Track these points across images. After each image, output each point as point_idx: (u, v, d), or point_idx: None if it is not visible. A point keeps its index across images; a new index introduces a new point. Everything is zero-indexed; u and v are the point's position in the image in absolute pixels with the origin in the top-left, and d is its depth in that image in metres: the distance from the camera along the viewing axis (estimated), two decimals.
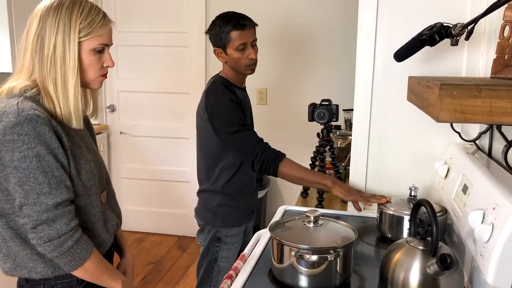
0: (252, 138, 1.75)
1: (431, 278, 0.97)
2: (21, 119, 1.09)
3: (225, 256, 1.94)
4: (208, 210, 1.95)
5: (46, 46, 1.16)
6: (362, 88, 1.62)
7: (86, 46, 1.20)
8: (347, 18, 3.11)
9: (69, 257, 1.16)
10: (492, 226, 0.90)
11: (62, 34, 1.16)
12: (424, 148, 1.59)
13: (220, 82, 1.88)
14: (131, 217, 3.81)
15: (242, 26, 1.81)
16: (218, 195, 1.92)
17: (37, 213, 1.11)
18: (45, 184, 1.11)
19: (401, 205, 1.41)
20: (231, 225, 1.93)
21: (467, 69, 1.51)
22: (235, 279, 1.20)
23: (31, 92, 1.17)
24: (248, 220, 2.01)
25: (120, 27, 3.64)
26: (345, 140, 2.45)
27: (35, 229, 1.12)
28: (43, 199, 1.11)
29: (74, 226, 1.16)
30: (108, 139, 3.82)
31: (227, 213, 1.93)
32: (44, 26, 1.16)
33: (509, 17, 1.10)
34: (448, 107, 0.83)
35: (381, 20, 1.57)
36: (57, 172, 1.13)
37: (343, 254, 1.11)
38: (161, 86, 3.65)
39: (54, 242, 1.13)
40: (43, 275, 1.21)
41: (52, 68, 1.17)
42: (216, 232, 1.92)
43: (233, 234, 1.94)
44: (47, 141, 1.11)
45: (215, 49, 1.88)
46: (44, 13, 1.17)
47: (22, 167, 1.10)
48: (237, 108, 1.79)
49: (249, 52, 1.84)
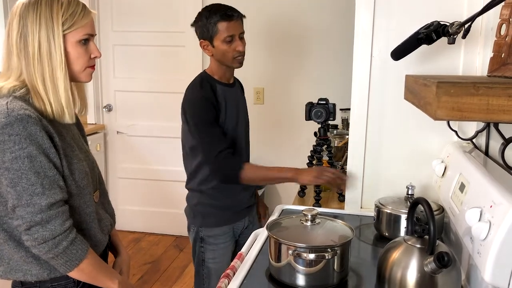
0: (211, 148, 1.72)
1: (429, 276, 0.97)
2: (12, 119, 1.07)
3: (211, 257, 1.88)
4: (190, 208, 1.93)
5: (30, 43, 1.14)
6: (359, 87, 1.62)
7: (71, 38, 1.18)
8: (343, 17, 3.11)
9: (65, 258, 1.14)
10: (490, 224, 0.90)
11: (46, 29, 1.14)
12: (421, 146, 1.59)
13: (200, 77, 1.84)
14: (128, 217, 3.81)
15: (229, 17, 1.76)
16: (196, 193, 1.90)
17: (31, 214, 1.09)
18: (38, 184, 1.09)
19: (398, 203, 1.41)
20: (211, 224, 1.88)
21: (464, 67, 1.51)
22: (232, 278, 1.20)
23: (20, 92, 1.15)
24: (234, 221, 1.91)
25: (116, 27, 3.63)
26: (342, 139, 2.45)
27: (29, 230, 1.10)
28: (36, 200, 1.09)
29: (69, 226, 1.15)
30: (104, 139, 3.81)
31: (206, 212, 1.88)
32: (26, 23, 1.14)
33: (505, 16, 1.10)
34: (445, 105, 0.83)
35: (378, 19, 1.57)
36: (49, 172, 1.12)
37: (341, 253, 1.11)
38: (158, 85, 3.64)
39: (49, 243, 1.11)
40: (39, 278, 1.19)
41: (39, 65, 1.15)
42: (198, 231, 1.89)
43: (216, 234, 1.87)
44: (38, 141, 1.10)
45: (201, 42, 1.82)
46: (24, 11, 1.15)
47: (14, 168, 1.08)
48: (208, 107, 1.75)
49: (237, 44, 1.78)
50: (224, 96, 1.83)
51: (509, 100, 0.80)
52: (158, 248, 3.62)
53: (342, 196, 1.95)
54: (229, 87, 1.88)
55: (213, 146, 1.73)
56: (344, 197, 1.74)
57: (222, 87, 1.84)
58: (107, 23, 3.62)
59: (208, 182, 1.85)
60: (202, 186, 1.87)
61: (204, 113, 1.75)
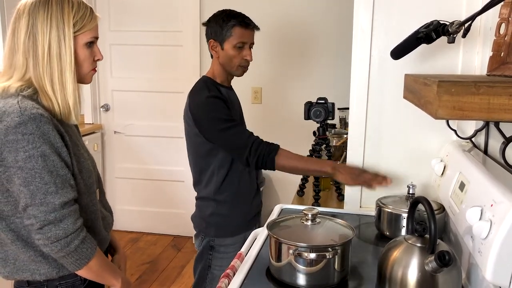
0: (242, 134, 1.70)
1: (429, 275, 0.97)
2: (25, 118, 1.08)
3: (218, 265, 1.86)
4: (202, 219, 1.89)
5: (40, 43, 1.14)
6: (358, 87, 1.62)
7: (80, 40, 1.19)
8: (342, 17, 3.11)
9: (76, 256, 1.15)
10: (490, 222, 0.90)
11: (57, 30, 1.14)
12: (420, 146, 1.60)
13: (203, 81, 1.83)
14: (125, 217, 3.80)
15: (247, 24, 1.80)
16: (211, 202, 1.85)
17: (44, 213, 1.10)
18: (51, 183, 1.10)
19: (399, 202, 1.41)
20: (225, 235, 1.85)
21: (463, 67, 1.51)
22: (232, 278, 1.19)
23: (28, 91, 1.15)
24: (247, 229, 1.83)
25: (114, 26, 3.62)
26: (340, 139, 2.45)
27: (41, 229, 1.11)
28: (50, 199, 1.10)
29: (80, 225, 1.16)
30: (102, 139, 3.80)
31: (221, 223, 1.85)
32: (35, 23, 1.14)
33: (505, 15, 1.10)
34: (446, 104, 0.83)
35: (377, 18, 1.57)
36: (62, 171, 1.12)
37: (341, 252, 1.11)
38: (155, 85, 3.63)
39: (61, 242, 1.12)
40: (48, 276, 1.19)
41: (48, 66, 1.15)
42: (209, 241, 1.86)
43: (227, 244, 1.85)
44: (51, 140, 1.10)
45: (210, 41, 1.83)
46: (33, 10, 1.14)
47: (28, 167, 1.08)
48: (222, 104, 1.74)
49: (246, 53, 1.81)
50: (228, 98, 1.84)
51: (510, 99, 0.80)
52: (156, 248, 3.61)
53: (342, 196, 1.96)
54: (230, 90, 1.92)
55: (241, 133, 1.70)
56: (344, 197, 1.74)
57: (225, 89, 1.86)
58: (105, 23, 3.60)
59: (225, 189, 1.83)
60: (218, 195, 1.84)
61: (220, 110, 1.72)
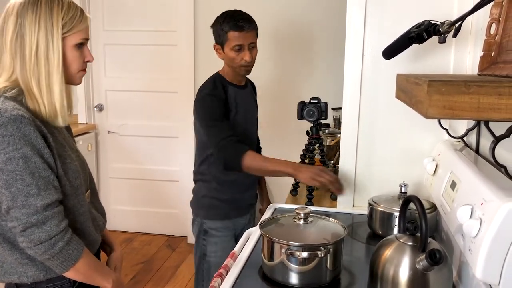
0: (220, 134, 1.77)
1: (421, 274, 0.98)
2: (5, 119, 1.06)
3: (213, 251, 1.95)
4: (196, 201, 2.02)
5: (27, 44, 1.13)
6: (350, 86, 1.63)
7: (69, 42, 1.18)
8: (335, 16, 3.11)
9: (61, 258, 1.14)
10: (480, 221, 0.91)
11: (45, 31, 1.13)
12: (413, 145, 1.60)
13: (213, 78, 1.93)
14: (120, 217, 3.79)
15: (240, 28, 1.82)
16: (205, 184, 1.97)
17: (26, 215, 1.08)
18: (33, 185, 1.08)
19: (391, 201, 1.42)
20: (214, 217, 1.96)
21: (455, 66, 1.52)
22: (225, 277, 1.19)
23: (11, 92, 1.14)
24: (236, 216, 2.00)
25: (107, 26, 3.61)
26: (334, 138, 2.46)
27: (24, 232, 1.09)
28: (31, 201, 1.08)
29: (64, 227, 1.15)
30: (96, 139, 3.78)
31: (211, 205, 1.96)
32: (23, 23, 1.12)
33: (495, 15, 1.11)
34: (436, 103, 0.83)
35: (370, 18, 1.57)
36: (44, 173, 1.11)
37: (333, 251, 1.12)
38: (149, 85, 3.62)
39: (45, 244, 1.11)
40: (35, 279, 1.18)
41: (35, 67, 1.14)
42: (202, 223, 1.96)
43: (218, 227, 1.95)
44: (32, 142, 1.09)
45: (214, 45, 1.92)
46: (22, 10, 1.13)
47: (8, 169, 1.07)
48: (216, 103, 1.82)
49: (244, 54, 1.85)
50: (235, 97, 1.90)
51: (499, 98, 0.80)
52: (150, 248, 3.60)
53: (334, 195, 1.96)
54: (241, 89, 1.96)
55: (219, 133, 1.78)
56: (336, 196, 1.75)
57: (233, 88, 1.92)
58: (98, 22, 3.59)
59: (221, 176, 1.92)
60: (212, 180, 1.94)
61: (212, 109, 1.82)
